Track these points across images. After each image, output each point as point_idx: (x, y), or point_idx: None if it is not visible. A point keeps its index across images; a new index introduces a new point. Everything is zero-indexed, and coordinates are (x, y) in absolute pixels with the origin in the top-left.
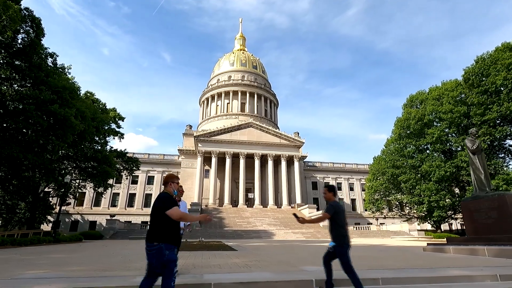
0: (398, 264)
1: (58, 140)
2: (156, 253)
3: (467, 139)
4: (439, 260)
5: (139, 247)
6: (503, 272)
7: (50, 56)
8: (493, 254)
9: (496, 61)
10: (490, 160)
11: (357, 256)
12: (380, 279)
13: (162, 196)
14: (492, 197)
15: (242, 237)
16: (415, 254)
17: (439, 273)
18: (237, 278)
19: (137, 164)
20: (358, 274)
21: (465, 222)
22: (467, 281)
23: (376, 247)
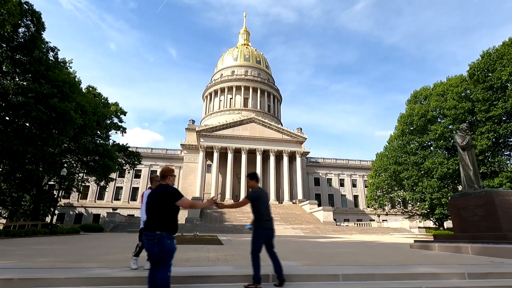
0: (372, 261)
1: (58, 133)
2: (158, 242)
3: (457, 135)
4: (417, 257)
5: (130, 240)
6: (472, 270)
7: (52, 50)
8: (476, 252)
9: (502, 56)
10: (494, 158)
11: (338, 252)
12: (340, 275)
13: (169, 188)
14: (479, 194)
15: (242, 232)
16: (399, 251)
17: (405, 270)
18: (193, 271)
19: (138, 158)
20: (322, 270)
21: (452, 219)
22: (431, 279)
23: (367, 243)
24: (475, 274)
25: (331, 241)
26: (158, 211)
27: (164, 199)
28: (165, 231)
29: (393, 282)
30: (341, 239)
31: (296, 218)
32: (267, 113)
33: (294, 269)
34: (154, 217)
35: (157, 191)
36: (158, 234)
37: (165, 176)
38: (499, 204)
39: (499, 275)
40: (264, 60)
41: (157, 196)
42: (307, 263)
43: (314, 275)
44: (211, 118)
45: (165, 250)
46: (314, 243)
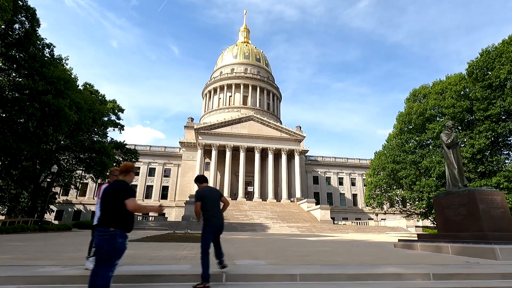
0: (343, 260)
1: (53, 130)
2: (109, 239)
3: (443, 133)
4: (393, 256)
5: None
6: (439, 271)
7: (47, 46)
8: (455, 252)
9: (501, 54)
10: (492, 157)
11: (318, 251)
12: (298, 275)
13: (121, 185)
14: (462, 193)
15: (236, 230)
16: (380, 250)
17: (371, 271)
18: (144, 270)
19: (136, 156)
20: (282, 270)
21: (436, 219)
22: (395, 280)
23: (355, 242)
24: (441, 275)
25: (321, 239)
26: (111, 207)
27: (116, 196)
28: (119, 229)
29: (353, 283)
30: (332, 237)
31: (294, 217)
32: (267, 111)
33: (254, 269)
34: (108, 214)
35: (111, 187)
36: (111, 231)
37: (126, 171)
38: (481, 203)
39: (465, 276)
40: (264, 58)
41: (111, 192)
42: (274, 262)
43: (272, 275)
44: (210, 116)
45: (115, 248)
46: (301, 241)
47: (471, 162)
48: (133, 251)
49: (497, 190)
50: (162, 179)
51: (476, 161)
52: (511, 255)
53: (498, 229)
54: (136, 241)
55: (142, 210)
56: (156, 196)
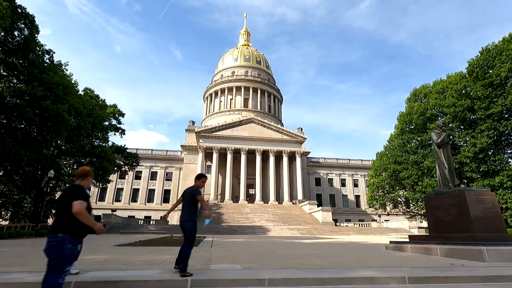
0: (323, 263)
1: (52, 135)
2: (57, 245)
3: (434, 132)
4: (377, 259)
5: (106, 242)
6: (416, 274)
7: (47, 53)
8: (444, 253)
9: (502, 52)
10: (495, 156)
11: (303, 254)
12: (266, 279)
13: (75, 188)
14: (452, 193)
15: (236, 233)
16: (368, 253)
17: (345, 274)
18: (111, 276)
19: (136, 160)
20: (250, 275)
21: (428, 219)
22: (367, 284)
23: (349, 244)
24: (417, 279)
25: (317, 242)
26: (61, 212)
27: (67, 200)
28: (68, 234)
29: (322, 287)
30: (330, 240)
31: (295, 219)
32: (268, 113)
33: (225, 274)
34: (58, 219)
35: (64, 191)
36: (60, 237)
37: (84, 176)
38: (471, 204)
39: (443, 279)
40: (265, 60)
41: (63, 196)
42: (250, 266)
43: (239, 279)
44: (212, 119)
45: (63, 254)
46: (296, 244)
47: (473, 162)
48: (113, 255)
49: (488, 190)
50: (164, 183)
51: (479, 160)
52: (498, 256)
53: (489, 229)
54: (127, 245)
55: (84, 219)
56: (158, 200)
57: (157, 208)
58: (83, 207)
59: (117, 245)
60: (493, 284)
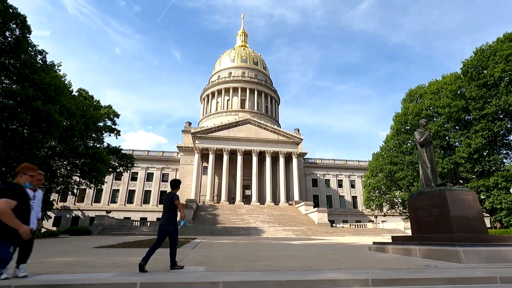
0: (295, 265)
1: (43, 136)
2: None
3: (417, 131)
4: (352, 260)
5: (86, 245)
6: (381, 276)
7: (40, 53)
8: (423, 254)
9: (495, 53)
10: (489, 156)
11: (285, 255)
12: (221, 283)
13: (6, 185)
14: (434, 193)
15: (230, 234)
16: (349, 254)
17: (306, 277)
18: (59, 279)
19: (131, 161)
20: (205, 277)
21: (410, 220)
22: (328, 286)
23: (336, 245)
24: (381, 281)
25: (306, 243)
26: None
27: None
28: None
29: None
30: (321, 241)
31: (291, 220)
32: (265, 114)
33: (179, 276)
34: None
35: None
36: None
37: (17, 172)
38: (452, 203)
39: (409, 281)
40: (262, 61)
41: None
42: (215, 269)
43: (192, 283)
44: (209, 120)
45: None
46: (283, 245)
47: (468, 162)
48: (83, 258)
49: (470, 189)
50: (160, 184)
51: (473, 160)
52: (475, 257)
53: (469, 230)
54: (107, 247)
55: (7, 218)
56: (154, 201)
57: (153, 210)
58: (6, 206)
59: (97, 247)
60: (459, 286)
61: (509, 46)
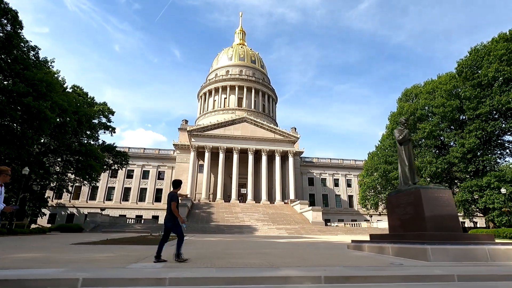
0: (258, 262)
1: (34, 132)
2: None
3: (396, 129)
4: (320, 258)
5: (69, 240)
6: (335, 273)
7: (32, 49)
8: (394, 253)
9: (490, 53)
10: (483, 156)
11: (259, 252)
12: (167, 279)
13: None
14: (409, 191)
15: (223, 232)
16: (323, 252)
17: (259, 274)
18: (12, 274)
19: (126, 158)
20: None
21: (387, 218)
22: (278, 283)
23: (320, 243)
24: (334, 278)
25: (291, 241)
26: None
27: None
28: None
29: (230, 287)
30: (308, 239)
31: (285, 219)
32: (262, 113)
33: (132, 272)
34: None
35: None
36: None
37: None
38: (426, 202)
39: (362, 279)
40: (260, 59)
41: None
42: (176, 266)
43: (138, 279)
44: (205, 118)
45: None
46: (266, 243)
47: (461, 162)
48: (52, 254)
49: (445, 188)
50: (156, 182)
51: (467, 160)
52: (443, 256)
53: (443, 228)
54: (86, 244)
55: None
56: (150, 199)
57: (149, 207)
58: None
59: (75, 244)
60: (413, 283)
61: (504, 46)
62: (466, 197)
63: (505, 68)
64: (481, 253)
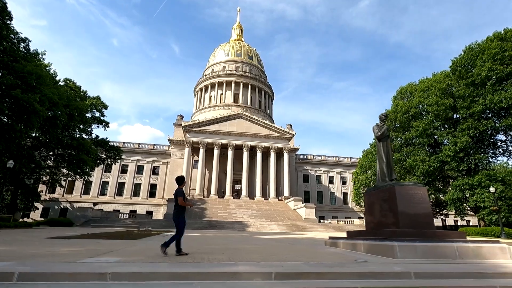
0: (219, 258)
1: (23, 125)
2: None
3: (376, 125)
4: (290, 254)
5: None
6: (288, 270)
7: (23, 41)
8: (366, 249)
9: (484, 51)
10: (475, 155)
11: (232, 248)
12: (109, 274)
13: None
14: (385, 188)
15: (214, 228)
16: (300, 248)
17: (207, 269)
18: None
19: (119, 153)
20: (95, 268)
21: (365, 215)
22: (228, 279)
23: (301, 240)
24: (286, 274)
25: (280, 237)
26: None
27: None
28: None
29: (169, 283)
30: (295, 236)
31: (278, 215)
32: (258, 109)
33: (67, 267)
34: None
35: None
36: None
37: None
38: (400, 198)
39: (315, 276)
40: (257, 55)
41: None
42: (134, 260)
43: (78, 273)
44: (201, 114)
45: None
46: (248, 239)
47: (454, 160)
48: (15, 247)
49: (420, 184)
50: (151, 177)
51: (459, 159)
52: (411, 253)
53: (416, 225)
54: (63, 238)
55: None
56: (144, 194)
57: (143, 203)
58: None
59: (51, 238)
60: (367, 281)
61: (497, 45)
62: (457, 196)
63: (498, 67)
64: (450, 251)
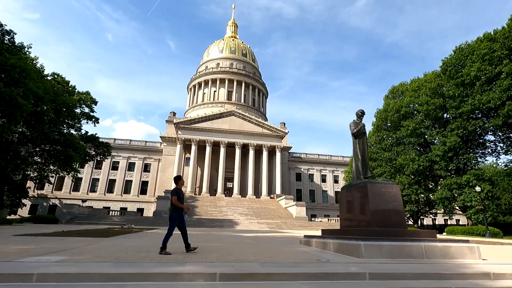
0: (174, 258)
1: (6, 121)
2: None
3: (352, 121)
4: (258, 253)
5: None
6: (235, 270)
7: (7, 33)
8: (335, 248)
9: (473, 52)
10: (463, 155)
11: (209, 246)
12: (35, 274)
13: None
14: (359, 186)
15: (203, 226)
16: (271, 247)
17: (145, 270)
18: None
19: (108, 149)
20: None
21: (339, 213)
22: (166, 280)
23: (283, 238)
24: (232, 275)
25: (259, 235)
26: None
27: None
28: None
29: (103, 284)
30: (281, 234)
31: (269, 213)
32: (251, 107)
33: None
34: None
35: None
36: None
37: None
38: (372, 197)
39: (263, 277)
40: (251, 53)
41: None
42: (85, 260)
43: (5, 274)
44: (195, 111)
45: None
46: (230, 237)
47: (442, 160)
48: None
49: (394, 183)
50: (142, 174)
51: (448, 159)
52: (376, 252)
53: (387, 223)
54: (30, 235)
55: None
56: (135, 191)
57: (134, 200)
58: None
59: (19, 235)
60: (320, 282)
61: (487, 45)
62: (445, 195)
63: (487, 67)
64: (417, 250)
